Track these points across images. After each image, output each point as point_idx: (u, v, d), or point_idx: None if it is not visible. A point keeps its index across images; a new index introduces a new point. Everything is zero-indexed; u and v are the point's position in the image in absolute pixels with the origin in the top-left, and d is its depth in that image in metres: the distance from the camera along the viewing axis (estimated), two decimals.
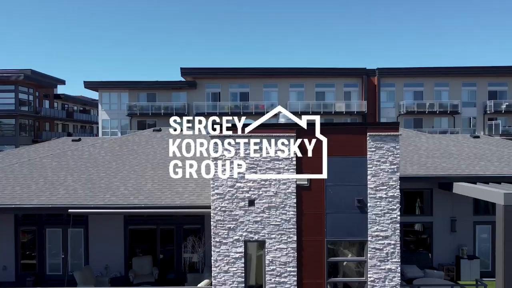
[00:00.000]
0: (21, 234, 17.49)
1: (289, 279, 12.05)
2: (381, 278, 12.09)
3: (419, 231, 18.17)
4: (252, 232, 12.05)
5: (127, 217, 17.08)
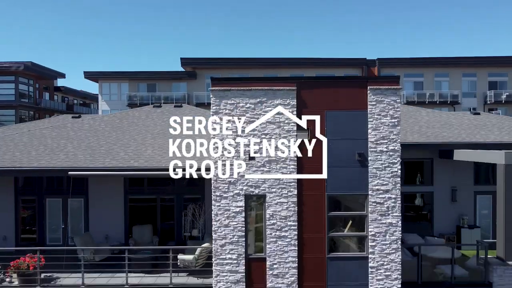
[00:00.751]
0: (22, 209, 17.43)
1: (289, 233, 12.01)
2: (381, 232, 12.06)
3: (420, 205, 18.12)
4: (252, 186, 12.02)
5: (127, 186, 17.04)
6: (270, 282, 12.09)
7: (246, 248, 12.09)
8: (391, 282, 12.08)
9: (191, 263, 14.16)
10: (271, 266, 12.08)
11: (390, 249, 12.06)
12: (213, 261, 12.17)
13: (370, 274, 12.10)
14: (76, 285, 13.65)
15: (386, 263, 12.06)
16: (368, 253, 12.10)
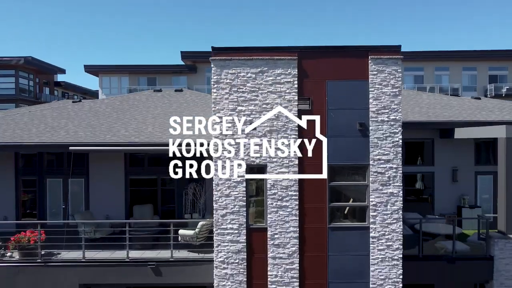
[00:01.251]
0: (22, 193, 17.40)
1: (290, 203, 11.99)
2: (383, 202, 12.03)
3: (421, 189, 18.08)
4: (253, 156, 11.99)
5: (128, 167, 17.00)
6: (271, 252, 12.07)
7: (247, 218, 12.07)
8: (392, 252, 12.05)
9: (192, 238, 14.14)
10: (272, 236, 12.05)
11: (391, 219, 12.03)
12: (214, 231, 12.15)
13: (371, 244, 12.08)
14: (77, 259, 13.61)
15: (388, 233, 12.04)
16: (369, 223, 12.08)
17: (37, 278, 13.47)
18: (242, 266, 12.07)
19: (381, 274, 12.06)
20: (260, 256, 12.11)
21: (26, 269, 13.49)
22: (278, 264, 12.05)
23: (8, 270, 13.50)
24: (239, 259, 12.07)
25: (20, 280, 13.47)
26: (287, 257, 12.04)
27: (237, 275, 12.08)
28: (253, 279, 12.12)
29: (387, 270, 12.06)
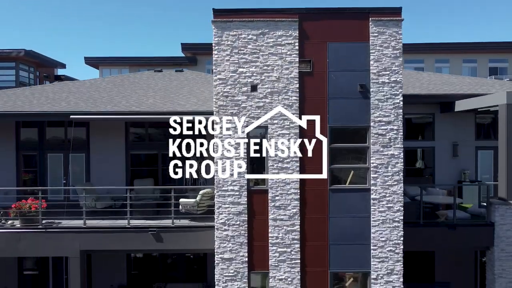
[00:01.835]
0: (23, 173, 17.39)
1: (291, 164, 12.01)
2: (383, 163, 12.05)
3: (421, 168, 18.08)
4: (254, 117, 12.02)
5: (129, 141, 17.00)
6: (272, 213, 12.08)
7: (248, 180, 12.07)
8: (393, 214, 12.07)
9: (192, 206, 14.12)
10: (273, 197, 12.07)
11: (392, 180, 12.05)
12: (215, 192, 12.16)
13: (372, 206, 12.09)
14: (77, 226, 13.62)
15: (388, 195, 12.05)
16: (370, 185, 12.10)
17: (38, 244, 13.47)
18: (243, 228, 12.09)
19: (382, 236, 12.08)
20: (261, 218, 12.12)
21: (27, 235, 13.50)
22: (279, 226, 12.07)
23: (10, 236, 13.50)
24: (240, 221, 12.09)
25: (22, 247, 13.47)
26: (288, 219, 12.05)
27: (238, 237, 12.09)
28: (254, 240, 12.13)
29: (388, 232, 12.07)
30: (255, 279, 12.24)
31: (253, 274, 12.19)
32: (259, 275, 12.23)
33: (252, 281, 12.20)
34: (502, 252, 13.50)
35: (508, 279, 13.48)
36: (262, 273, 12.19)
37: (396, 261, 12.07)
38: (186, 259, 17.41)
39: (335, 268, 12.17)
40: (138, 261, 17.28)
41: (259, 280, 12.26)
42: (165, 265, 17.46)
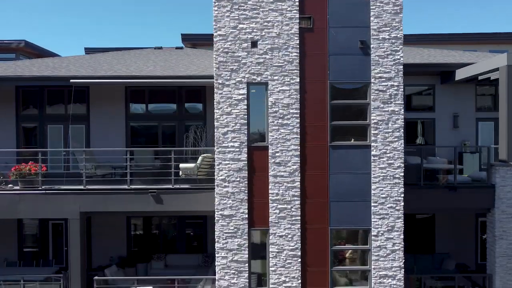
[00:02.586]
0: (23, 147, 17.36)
1: (291, 121, 11.99)
2: (384, 120, 12.03)
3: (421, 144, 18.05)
4: (254, 74, 12.01)
5: (129, 113, 17.00)
6: (272, 170, 12.06)
7: (249, 136, 12.06)
8: (394, 170, 12.04)
9: (193, 171, 14.09)
10: (273, 154, 12.04)
11: (392, 137, 12.03)
12: (215, 149, 12.14)
13: (372, 162, 12.07)
14: (77, 188, 13.61)
15: (389, 151, 12.03)
16: (370, 142, 12.07)
17: (38, 206, 13.45)
18: (243, 184, 12.06)
19: (383, 193, 12.05)
20: (261, 174, 12.10)
21: (27, 197, 13.47)
22: (279, 183, 12.04)
23: (10, 198, 13.48)
24: (240, 177, 12.06)
25: (22, 208, 13.45)
26: (288, 176, 12.03)
27: (238, 193, 12.07)
28: (254, 197, 12.10)
29: (389, 188, 12.05)
30: (255, 235, 12.21)
31: (253, 231, 12.16)
32: (259, 232, 12.20)
33: (252, 238, 12.18)
34: (503, 214, 13.47)
35: (508, 240, 13.46)
36: (262, 230, 12.16)
37: (396, 218, 12.05)
38: (186, 236, 17.40)
39: (335, 225, 12.14)
40: (138, 237, 17.27)
41: (259, 237, 12.22)
42: (166, 241, 17.45)
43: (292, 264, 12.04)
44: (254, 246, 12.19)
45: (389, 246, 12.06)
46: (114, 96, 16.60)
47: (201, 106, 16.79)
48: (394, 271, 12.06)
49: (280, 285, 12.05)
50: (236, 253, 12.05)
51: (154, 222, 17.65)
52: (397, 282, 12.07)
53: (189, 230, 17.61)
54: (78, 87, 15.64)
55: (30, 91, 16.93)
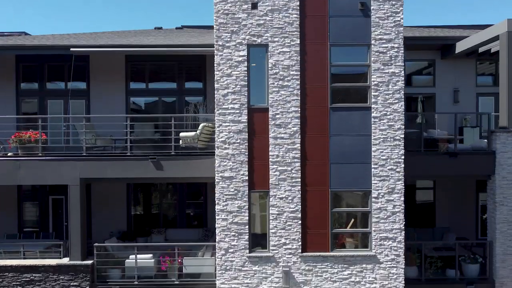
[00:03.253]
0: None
1: (292, 83, 11.99)
2: (384, 82, 12.03)
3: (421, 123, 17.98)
4: (255, 35, 12.01)
5: (129, 87, 17.00)
6: (272, 132, 12.05)
7: (249, 98, 12.05)
8: (394, 132, 12.03)
9: (193, 139, 14.05)
10: (273, 116, 12.04)
11: (393, 99, 12.02)
12: (215, 111, 12.14)
13: (373, 124, 12.06)
14: (78, 154, 13.61)
15: (389, 113, 12.02)
16: (370, 104, 12.06)
17: (38, 172, 13.45)
18: (243, 146, 12.05)
19: (383, 155, 12.04)
20: (261, 136, 12.09)
21: (27, 163, 13.47)
22: (279, 144, 12.03)
23: (10, 164, 13.48)
24: (240, 139, 12.05)
25: (22, 174, 13.44)
26: (288, 137, 12.02)
27: (238, 155, 12.05)
28: (254, 159, 12.09)
29: (389, 150, 12.04)
30: (255, 198, 12.19)
31: (253, 193, 12.14)
32: (259, 194, 12.18)
33: (253, 200, 12.16)
34: (504, 180, 13.46)
35: (509, 207, 13.44)
36: (262, 192, 12.14)
37: (397, 180, 12.03)
38: (186, 215, 17.35)
39: (335, 187, 12.13)
40: (138, 216, 17.21)
41: (259, 199, 12.20)
42: (166, 220, 17.40)
43: (293, 226, 12.02)
44: (254, 208, 12.17)
45: (390, 208, 12.04)
46: (115, 71, 16.62)
47: (201, 85, 16.72)
48: (394, 233, 12.04)
49: (281, 247, 12.03)
50: (236, 215, 12.04)
51: (155, 201, 17.64)
52: (398, 244, 12.05)
53: (190, 210, 17.55)
54: (78, 63, 15.73)
55: (30, 66, 16.96)
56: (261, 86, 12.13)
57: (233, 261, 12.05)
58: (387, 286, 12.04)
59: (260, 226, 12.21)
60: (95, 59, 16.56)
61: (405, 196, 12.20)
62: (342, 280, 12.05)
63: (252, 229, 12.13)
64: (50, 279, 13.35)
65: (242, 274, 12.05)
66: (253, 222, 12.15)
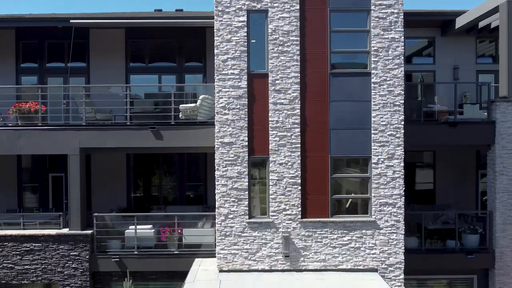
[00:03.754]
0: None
1: (291, 48, 11.99)
2: (384, 47, 12.02)
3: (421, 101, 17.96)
4: (254, 0, 12.00)
5: (129, 63, 16.99)
6: (272, 97, 12.04)
7: (248, 64, 12.04)
8: (394, 98, 12.03)
9: (193, 111, 14.07)
10: (273, 81, 12.03)
11: (393, 64, 12.02)
12: (215, 77, 12.12)
13: (372, 90, 12.05)
14: (77, 124, 13.61)
15: (389, 79, 12.02)
16: (370, 69, 12.06)
17: (38, 141, 13.45)
18: (243, 112, 12.04)
19: (383, 120, 12.03)
20: (261, 102, 12.09)
21: (27, 133, 13.48)
22: (279, 110, 12.02)
23: (10, 133, 13.48)
24: (240, 105, 12.05)
25: (21, 144, 13.44)
26: (288, 103, 12.01)
27: (238, 121, 12.05)
28: (254, 125, 12.08)
29: (389, 116, 12.03)
30: (255, 163, 12.17)
31: (253, 159, 12.13)
32: (259, 160, 12.16)
33: (252, 166, 12.13)
34: (503, 150, 13.46)
35: (509, 176, 13.44)
36: (262, 158, 12.13)
37: (397, 146, 12.02)
38: (186, 197, 17.31)
39: (335, 153, 12.12)
40: (138, 197, 17.19)
41: (259, 165, 12.19)
42: (166, 200, 17.37)
43: (292, 192, 12.01)
44: (254, 174, 12.16)
45: (389, 174, 12.02)
46: (115, 49, 16.64)
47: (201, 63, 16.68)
48: (394, 198, 12.02)
49: (280, 213, 12.02)
50: (236, 181, 12.02)
51: (154, 182, 17.64)
52: (398, 210, 12.03)
53: (189, 188, 17.53)
54: (78, 41, 15.77)
55: (30, 44, 16.99)
56: (260, 52, 12.12)
57: (232, 227, 12.03)
58: (387, 251, 12.02)
59: (260, 192, 12.19)
60: (95, 36, 16.61)
61: (405, 175, 12.19)
62: (342, 246, 12.02)
63: (252, 195, 12.10)
64: (49, 248, 13.34)
65: (242, 240, 12.03)
66: (253, 188, 12.13)
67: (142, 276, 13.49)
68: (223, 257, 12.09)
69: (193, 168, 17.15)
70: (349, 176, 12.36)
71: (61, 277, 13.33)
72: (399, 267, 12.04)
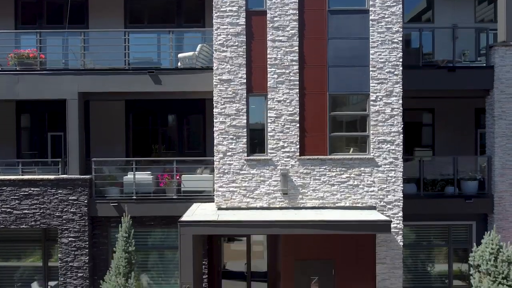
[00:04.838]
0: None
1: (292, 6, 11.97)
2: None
3: None
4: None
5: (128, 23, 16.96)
6: (270, 34, 12.05)
7: (247, 1, 12.05)
8: (392, 35, 12.03)
9: (191, 59, 14.09)
10: (271, 18, 12.04)
11: (391, 1, 12.02)
12: (213, 14, 12.14)
13: (371, 27, 12.06)
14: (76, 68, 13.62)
15: (387, 16, 12.02)
16: (369, 6, 12.06)
17: (37, 86, 13.45)
18: (241, 49, 12.05)
19: (381, 57, 12.04)
20: (260, 39, 12.10)
21: (25, 77, 13.48)
22: (277, 47, 12.03)
23: (8, 78, 13.49)
24: (238, 42, 12.05)
25: (20, 89, 13.45)
26: (286, 40, 12.02)
27: (236, 58, 12.05)
28: (252, 62, 12.09)
29: (387, 53, 12.04)
30: (253, 101, 12.18)
31: (251, 96, 12.13)
32: (257, 97, 12.17)
33: (251, 103, 12.14)
34: (502, 94, 13.46)
35: (508, 120, 13.43)
36: (260, 95, 12.13)
37: (395, 83, 12.02)
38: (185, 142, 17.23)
39: (334, 90, 12.11)
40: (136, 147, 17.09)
41: (257, 102, 12.19)
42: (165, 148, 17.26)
43: (291, 130, 12.01)
44: (252, 111, 12.16)
45: (388, 111, 12.02)
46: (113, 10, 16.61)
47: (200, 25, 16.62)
48: (392, 136, 12.02)
49: (279, 150, 12.01)
50: (234, 118, 12.02)
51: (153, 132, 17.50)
52: (396, 148, 12.03)
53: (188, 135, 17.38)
54: None
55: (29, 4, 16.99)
56: None
57: (231, 164, 12.03)
58: (385, 189, 12.01)
59: (258, 129, 12.19)
60: None
61: None
62: (340, 183, 12.01)
63: (250, 133, 12.10)
64: (48, 193, 13.32)
65: (240, 177, 12.02)
66: (252, 124, 12.12)
67: (140, 222, 13.44)
68: (221, 194, 12.08)
69: (193, 122, 17.02)
70: (348, 114, 12.34)
71: (60, 222, 13.30)
72: (397, 205, 12.03)
